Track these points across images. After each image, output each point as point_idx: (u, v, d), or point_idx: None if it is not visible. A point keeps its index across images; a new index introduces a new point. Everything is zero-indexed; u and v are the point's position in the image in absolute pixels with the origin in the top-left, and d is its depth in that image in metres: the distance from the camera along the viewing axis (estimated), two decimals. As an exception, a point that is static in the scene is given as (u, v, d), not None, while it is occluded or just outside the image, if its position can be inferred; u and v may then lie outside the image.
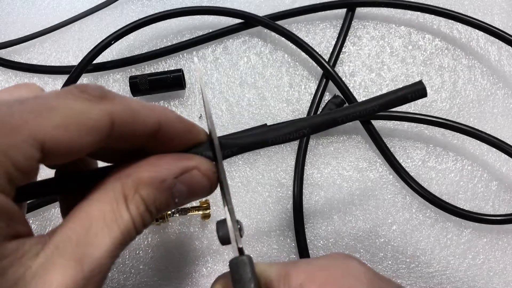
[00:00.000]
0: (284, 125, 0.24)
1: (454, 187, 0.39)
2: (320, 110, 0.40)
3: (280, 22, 0.41)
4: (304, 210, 0.38)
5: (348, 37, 0.42)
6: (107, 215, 0.19)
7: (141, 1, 0.44)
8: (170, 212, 0.36)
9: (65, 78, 0.39)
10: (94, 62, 0.39)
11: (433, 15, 0.41)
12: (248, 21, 0.41)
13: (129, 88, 0.39)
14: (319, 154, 0.39)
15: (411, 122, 0.39)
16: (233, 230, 0.22)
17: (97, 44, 0.38)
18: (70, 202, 0.21)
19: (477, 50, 0.42)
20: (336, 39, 0.41)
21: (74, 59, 0.43)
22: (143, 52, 0.42)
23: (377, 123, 0.39)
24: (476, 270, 0.37)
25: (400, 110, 0.39)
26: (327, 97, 0.41)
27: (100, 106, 0.19)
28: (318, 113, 0.40)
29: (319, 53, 0.39)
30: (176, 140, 0.22)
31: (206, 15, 0.42)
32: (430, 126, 0.39)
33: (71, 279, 0.17)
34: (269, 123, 0.39)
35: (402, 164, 0.38)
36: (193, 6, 0.42)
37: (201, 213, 0.37)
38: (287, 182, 0.39)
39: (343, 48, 0.42)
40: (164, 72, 0.40)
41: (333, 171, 0.39)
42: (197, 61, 0.42)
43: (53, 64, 0.43)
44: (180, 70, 0.40)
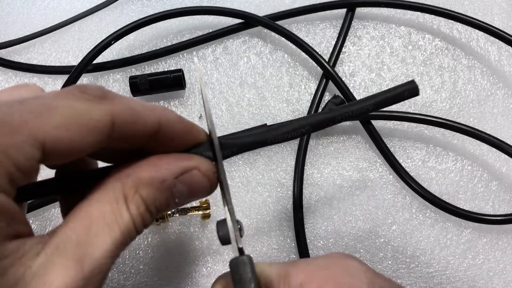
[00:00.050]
0: (283, 124, 0.24)
1: (454, 187, 0.39)
2: (320, 110, 0.40)
3: (280, 22, 0.41)
4: (304, 210, 0.38)
5: (348, 37, 0.42)
6: (107, 215, 0.19)
7: (141, 1, 0.44)
8: (170, 212, 0.36)
9: (65, 78, 0.39)
10: (94, 62, 0.39)
11: (433, 15, 0.41)
12: (248, 21, 0.41)
13: (129, 88, 0.39)
14: (319, 154, 0.39)
15: (411, 122, 0.39)
16: (233, 230, 0.22)
17: (97, 44, 0.38)
18: (70, 202, 0.21)
19: (477, 50, 0.42)
20: (336, 39, 0.41)
21: (74, 59, 0.43)
22: (143, 52, 0.42)
23: (377, 123, 0.39)
24: (476, 270, 0.37)
25: (400, 110, 0.39)
26: (327, 97, 0.41)
27: (100, 106, 0.19)
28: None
29: (319, 53, 0.39)
30: (176, 140, 0.22)
31: (206, 15, 0.42)
32: (430, 126, 0.39)
33: (71, 279, 0.17)
34: (269, 123, 0.39)
35: (402, 164, 0.38)
36: (193, 6, 0.42)
37: (201, 213, 0.37)
38: (287, 182, 0.39)
39: (343, 48, 0.42)
40: (164, 72, 0.40)
41: (333, 171, 0.39)
42: (197, 61, 0.42)
43: (53, 64, 0.43)
44: (180, 70, 0.40)
